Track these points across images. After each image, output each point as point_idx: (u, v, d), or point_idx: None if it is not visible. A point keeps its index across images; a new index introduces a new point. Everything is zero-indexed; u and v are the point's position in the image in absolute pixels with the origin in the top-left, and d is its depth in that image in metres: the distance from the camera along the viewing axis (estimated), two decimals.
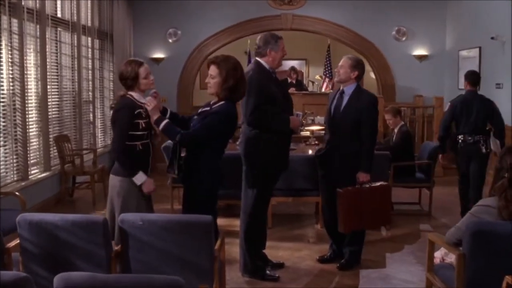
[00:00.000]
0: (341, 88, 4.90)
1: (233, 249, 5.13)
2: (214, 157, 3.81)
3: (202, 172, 3.75)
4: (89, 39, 8.78)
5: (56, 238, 3.04)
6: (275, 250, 5.36)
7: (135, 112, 3.73)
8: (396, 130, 7.04)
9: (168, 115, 3.89)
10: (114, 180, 3.80)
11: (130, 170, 3.73)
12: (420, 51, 10.92)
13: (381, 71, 11.05)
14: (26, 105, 6.57)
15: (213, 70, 3.79)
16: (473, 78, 6.54)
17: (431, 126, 9.97)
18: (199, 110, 3.94)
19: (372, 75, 11.99)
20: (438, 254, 3.84)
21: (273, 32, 4.70)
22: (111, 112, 3.86)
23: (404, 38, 10.92)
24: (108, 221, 3.77)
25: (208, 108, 3.85)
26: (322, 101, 9.91)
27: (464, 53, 9.93)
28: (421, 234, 6.20)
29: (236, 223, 6.16)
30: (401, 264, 5.19)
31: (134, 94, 3.81)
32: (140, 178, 3.76)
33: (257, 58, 4.56)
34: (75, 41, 8.14)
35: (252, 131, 4.52)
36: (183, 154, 3.88)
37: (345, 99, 4.82)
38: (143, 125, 3.77)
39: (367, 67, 12.52)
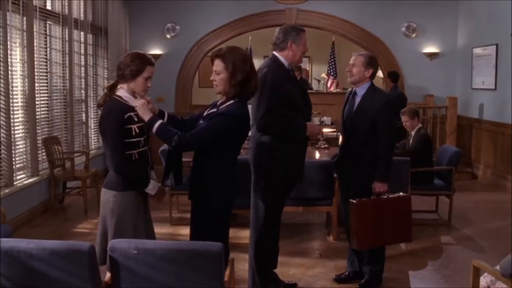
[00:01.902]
0: (353, 89, 4.38)
1: (240, 266, 4.58)
2: (225, 167, 3.24)
3: (211, 185, 3.20)
4: (82, 33, 8.22)
5: (31, 270, 2.48)
6: (285, 267, 4.81)
7: (125, 117, 3.15)
8: (413, 133, 6.50)
9: (165, 119, 3.33)
10: (107, 195, 3.24)
11: (140, 183, 3.24)
12: (431, 48, 10.39)
13: (389, 69, 10.47)
14: (11, 104, 6.00)
15: (217, 64, 3.22)
16: (397, 76, 8.68)
17: (444, 128, 9.43)
18: (205, 113, 3.36)
19: (380, 74, 11.46)
20: (483, 282, 3.30)
21: (295, 24, 4.17)
22: (100, 115, 3.29)
23: (414, 35, 10.40)
24: (97, 246, 3.25)
25: (214, 110, 3.28)
26: (328, 101, 9.42)
27: (478, 50, 9.40)
28: (444, 248, 5.66)
29: (242, 235, 5.66)
30: (428, 284, 4.65)
31: (123, 95, 3.24)
32: (154, 187, 3.28)
33: (275, 52, 4.02)
34: (66, 36, 7.57)
35: (262, 137, 3.97)
36: (183, 159, 3.35)
37: (357, 100, 4.31)
38: (137, 130, 3.19)
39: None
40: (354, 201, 4.10)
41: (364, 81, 4.28)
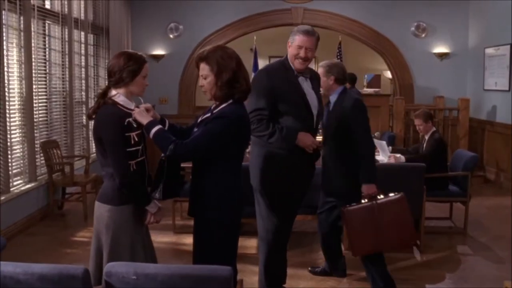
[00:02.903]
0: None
1: (247, 279, 4.33)
2: (227, 176, 2.94)
3: (212, 197, 2.92)
4: (82, 33, 7.97)
5: None
6: (295, 281, 4.55)
7: (125, 123, 2.89)
8: (427, 137, 6.22)
9: (166, 127, 3.05)
10: (101, 209, 2.97)
11: (145, 198, 2.98)
12: (441, 48, 10.10)
13: (398, 70, 10.24)
14: (7, 107, 5.76)
15: (203, 68, 2.92)
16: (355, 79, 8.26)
17: (455, 131, 9.15)
18: (199, 119, 3.07)
19: (388, 74, 11.20)
20: None
21: (308, 26, 3.91)
22: (94, 123, 3.01)
23: (424, 35, 10.10)
24: (91, 263, 3.01)
25: (208, 115, 2.98)
26: None
27: (491, 50, 9.11)
28: (462, 259, 5.37)
29: (249, 244, 5.44)
30: None
31: (119, 99, 2.96)
32: (154, 206, 3.03)
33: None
34: (66, 36, 7.32)
35: (257, 141, 3.78)
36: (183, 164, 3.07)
37: (330, 107, 4.25)
38: (136, 139, 2.93)
39: (383, 65, 11.87)
40: (344, 210, 4.02)
41: (333, 89, 4.20)
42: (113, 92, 2.97)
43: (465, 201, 6.04)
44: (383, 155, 6.08)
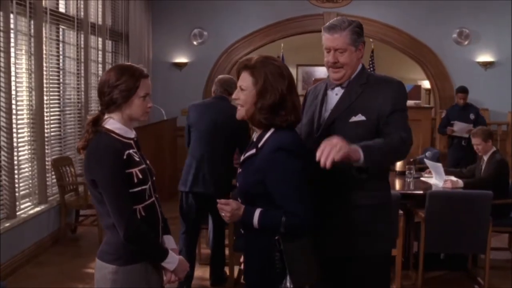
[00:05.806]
0: None
1: None
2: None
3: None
4: (100, 39, 7.45)
5: None
6: None
7: (124, 157, 2.24)
8: (486, 158, 5.49)
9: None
10: (103, 270, 2.30)
11: (156, 252, 2.33)
12: (485, 57, 9.40)
13: (438, 79, 9.55)
14: (15, 122, 5.19)
15: (244, 78, 2.28)
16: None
17: (504, 147, 8.39)
18: (242, 157, 2.37)
19: (424, 85, 10.48)
20: None
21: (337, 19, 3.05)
22: (85, 159, 2.32)
23: (466, 42, 9.41)
24: None
25: (253, 151, 2.28)
26: None
27: None
28: None
29: None
30: None
31: (114, 127, 2.31)
32: (172, 260, 2.34)
33: None
34: (82, 42, 6.80)
35: None
36: None
37: None
38: (140, 176, 2.27)
39: (418, 75, 11.16)
40: None
41: None
42: (106, 117, 2.32)
43: None
44: (438, 179, 5.35)
